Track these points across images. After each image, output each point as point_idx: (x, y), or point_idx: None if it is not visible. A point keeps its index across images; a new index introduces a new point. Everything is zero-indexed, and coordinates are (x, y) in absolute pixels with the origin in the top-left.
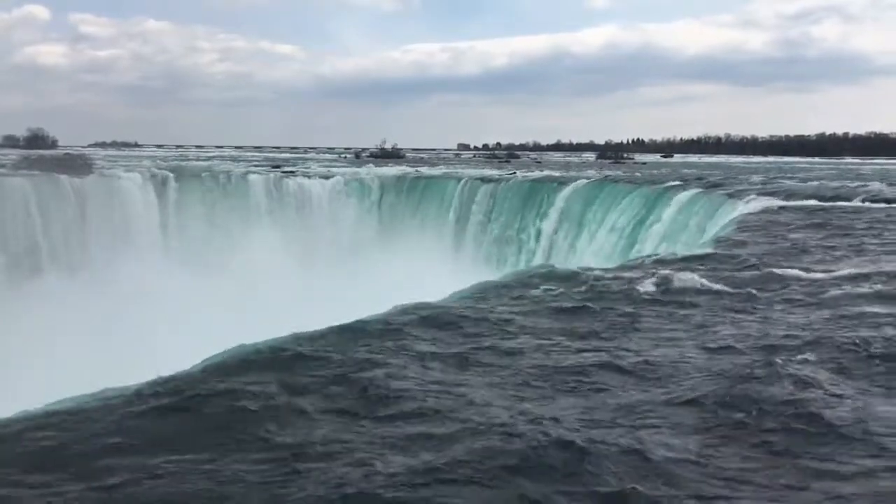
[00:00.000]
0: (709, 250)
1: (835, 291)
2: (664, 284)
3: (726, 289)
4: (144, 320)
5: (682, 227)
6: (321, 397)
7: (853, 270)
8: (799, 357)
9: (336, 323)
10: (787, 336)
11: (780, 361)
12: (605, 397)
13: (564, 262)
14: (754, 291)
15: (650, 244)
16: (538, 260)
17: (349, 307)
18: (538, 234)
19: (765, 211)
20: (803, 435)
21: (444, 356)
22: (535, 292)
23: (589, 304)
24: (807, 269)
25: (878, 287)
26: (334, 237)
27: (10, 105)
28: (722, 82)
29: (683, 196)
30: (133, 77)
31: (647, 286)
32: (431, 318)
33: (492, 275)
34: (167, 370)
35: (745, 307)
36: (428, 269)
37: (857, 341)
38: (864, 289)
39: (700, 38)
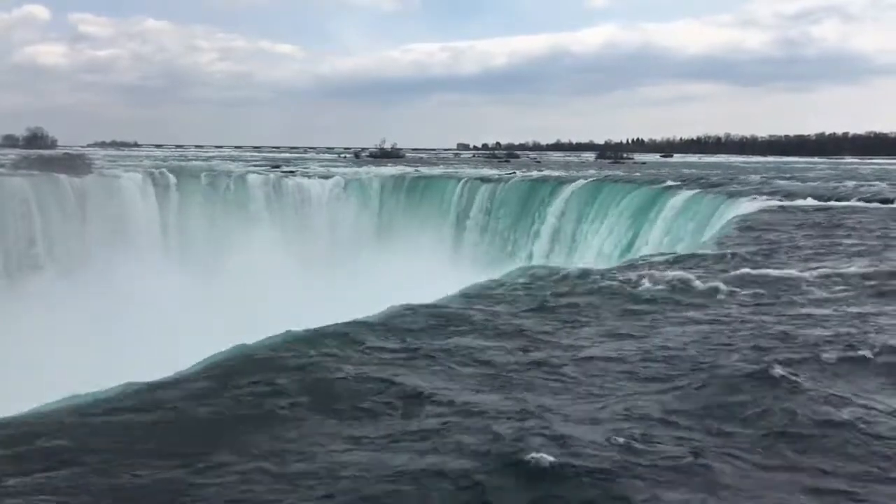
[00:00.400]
0: (698, 251)
1: (801, 290)
2: (643, 284)
3: (697, 287)
4: (143, 320)
5: (683, 224)
6: (314, 397)
7: (830, 270)
8: (744, 356)
9: (332, 323)
10: (736, 335)
11: (714, 361)
12: (542, 394)
13: (564, 259)
14: (723, 290)
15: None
16: (537, 258)
17: (349, 307)
18: (538, 232)
19: (762, 211)
20: (712, 431)
21: (430, 356)
22: (522, 293)
23: (566, 303)
24: (782, 268)
25: (851, 286)
26: (334, 237)
27: (10, 105)
28: (721, 82)
29: (679, 198)
30: (132, 77)
31: (626, 285)
32: (421, 320)
33: (491, 275)
34: (166, 370)
35: (705, 304)
36: (427, 269)
37: (812, 341)
38: (832, 287)
39: (700, 38)
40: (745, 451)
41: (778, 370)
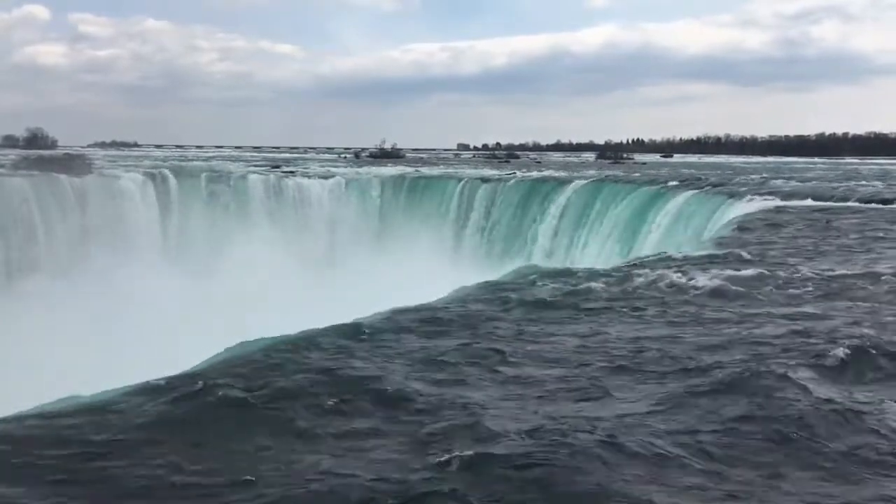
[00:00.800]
0: (693, 253)
1: (771, 290)
2: (635, 285)
3: (680, 287)
4: (143, 320)
5: (682, 226)
6: (311, 397)
7: (806, 271)
8: (694, 354)
9: (330, 324)
10: (706, 335)
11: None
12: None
13: (563, 259)
14: (719, 290)
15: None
16: (537, 258)
17: (349, 307)
18: (537, 232)
19: (762, 211)
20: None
21: (425, 358)
22: (513, 293)
23: (553, 304)
24: (762, 269)
25: (816, 287)
26: (334, 237)
27: (10, 105)
28: (721, 82)
29: (678, 199)
30: (132, 77)
31: (618, 286)
32: (416, 321)
33: (490, 275)
34: (165, 371)
35: (690, 303)
36: (427, 269)
37: (758, 340)
38: (802, 289)
39: (700, 38)
40: (665, 445)
41: (721, 370)
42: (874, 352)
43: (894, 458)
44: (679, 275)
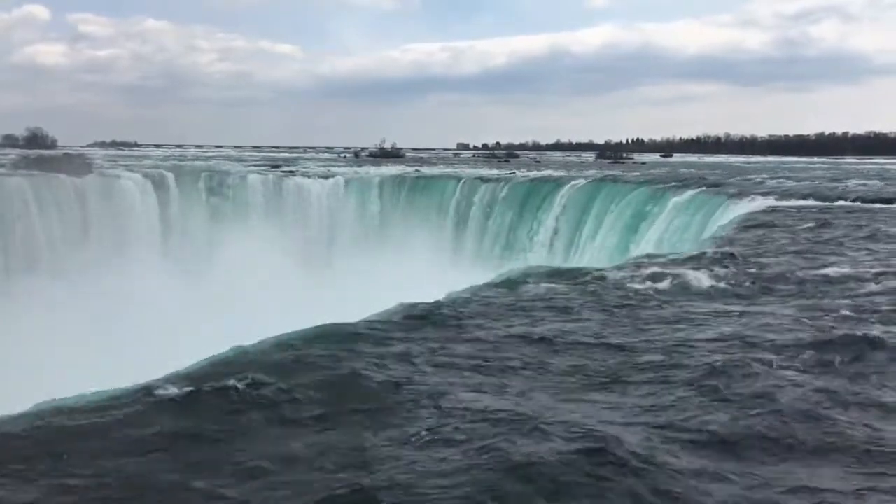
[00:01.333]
0: (689, 253)
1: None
2: (629, 284)
3: (669, 287)
4: (143, 320)
5: (679, 225)
6: (309, 397)
7: (778, 271)
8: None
9: (328, 323)
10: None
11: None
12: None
13: (562, 258)
14: (718, 288)
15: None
16: (536, 258)
17: (348, 307)
18: (537, 231)
19: (761, 212)
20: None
21: (424, 357)
22: (507, 294)
23: (544, 304)
24: (732, 268)
25: (769, 287)
26: (333, 237)
27: (10, 105)
28: (721, 82)
29: (677, 199)
30: (132, 77)
31: (614, 285)
32: (416, 320)
33: (489, 274)
34: (165, 370)
35: (689, 301)
36: (427, 269)
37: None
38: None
39: (699, 38)
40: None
41: (637, 367)
42: (800, 349)
43: (788, 450)
44: (644, 277)
